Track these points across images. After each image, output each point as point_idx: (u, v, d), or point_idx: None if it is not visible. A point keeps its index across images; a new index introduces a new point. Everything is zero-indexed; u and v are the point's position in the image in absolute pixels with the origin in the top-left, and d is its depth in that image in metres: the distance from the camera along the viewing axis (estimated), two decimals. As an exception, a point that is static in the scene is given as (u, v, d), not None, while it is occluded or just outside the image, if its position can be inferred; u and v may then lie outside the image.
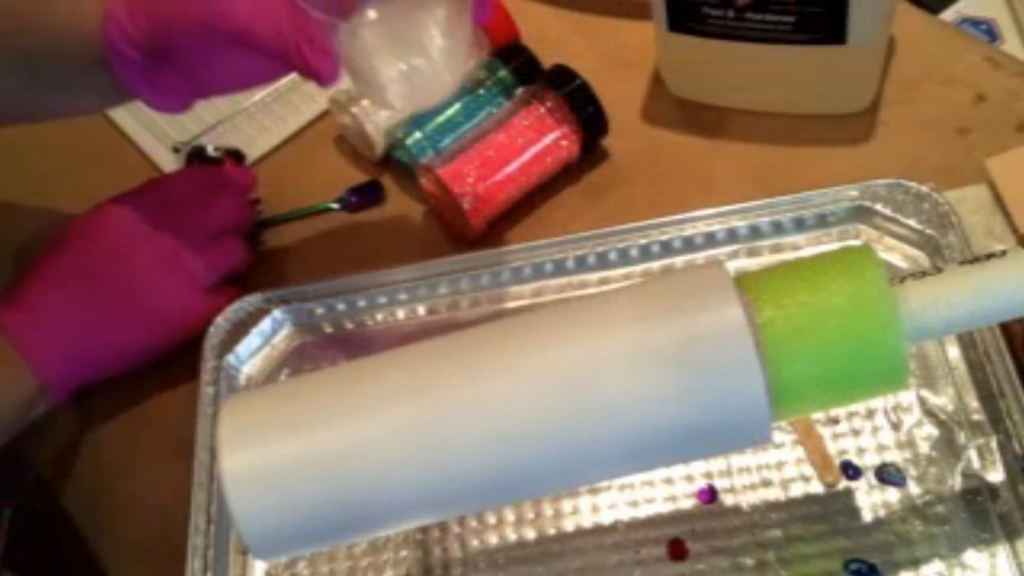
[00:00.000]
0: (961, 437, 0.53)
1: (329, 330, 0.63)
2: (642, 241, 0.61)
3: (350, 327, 0.63)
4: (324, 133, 0.73)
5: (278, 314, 0.63)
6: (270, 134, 0.74)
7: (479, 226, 0.65)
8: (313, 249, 0.68)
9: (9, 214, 0.73)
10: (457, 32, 0.52)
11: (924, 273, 0.45)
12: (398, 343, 0.48)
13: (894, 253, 0.59)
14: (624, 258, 0.62)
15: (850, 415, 0.55)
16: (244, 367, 0.62)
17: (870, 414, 0.55)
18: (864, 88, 0.65)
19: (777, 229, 0.61)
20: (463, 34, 0.52)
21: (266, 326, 0.63)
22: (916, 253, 0.59)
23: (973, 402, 0.54)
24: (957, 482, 0.52)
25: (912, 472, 0.53)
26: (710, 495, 0.54)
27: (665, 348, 0.43)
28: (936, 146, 0.64)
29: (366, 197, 0.70)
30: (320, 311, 0.63)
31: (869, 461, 0.53)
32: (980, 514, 0.51)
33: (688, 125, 0.68)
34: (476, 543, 0.55)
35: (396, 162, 0.70)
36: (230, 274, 0.64)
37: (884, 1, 0.59)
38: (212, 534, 0.55)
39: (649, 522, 0.54)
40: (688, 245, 0.61)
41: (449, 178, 0.63)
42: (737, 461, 0.54)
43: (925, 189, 0.59)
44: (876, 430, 0.54)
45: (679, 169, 0.66)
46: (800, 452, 0.54)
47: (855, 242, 0.60)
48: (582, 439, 0.44)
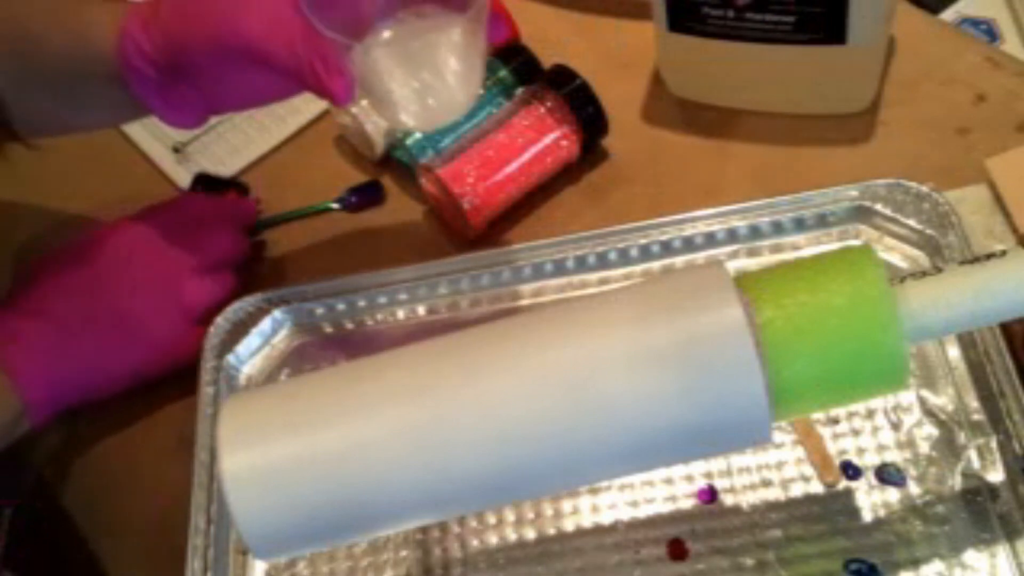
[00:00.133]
0: (961, 437, 0.53)
1: (329, 330, 0.63)
2: (642, 241, 0.61)
3: (350, 327, 0.63)
4: (324, 133, 0.73)
5: (278, 314, 0.63)
6: (270, 134, 0.73)
7: (479, 226, 0.65)
8: (313, 249, 0.68)
9: (9, 214, 0.73)
10: (472, 52, 0.52)
11: (924, 273, 0.45)
12: (398, 343, 0.48)
13: (894, 253, 0.59)
14: (624, 258, 0.62)
15: (850, 415, 0.55)
16: (244, 367, 0.62)
17: (870, 414, 0.55)
18: (864, 88, 0.65)
19: (777, 229, 0.61)
20: (478, 54, 0.52)
21: (266, 326, 0.63)
22: (916, 253, 0.59)
23: (973, 402, 0.54)
24: (957, 482, 0.52)
25: (912, 472, 0.53)
26: (710, 495, 0.54)
27: (665, 348, 0.43)
28: (936, 146, 0.64)
29: (366, 197, 0.70)
30: (320, 311, 0.63)
31: (869, 461, 0.53)
32: (980, 514, 0.51)
33: (688, 125, 0.68)
34: (476, 543, 0.55)
35: (396, 162, 0.70)
36: (219, 303, 0.63)
37: (884, 1, 0.59)
38: (212, 534, 0.55)
39: (649, 522, 0.54)
40: (688, 245, 0.61)
41: (449, 178, 0.63)
42: (737, 461, 0.54)
43: (925, 189, 0.58)
44: (876, 430, 0.54)
45: (679, 169, 0.66)
46: (800, 452, 0.54)
47: (855, 242, 0.60)
48: (582, 439, 0.44)
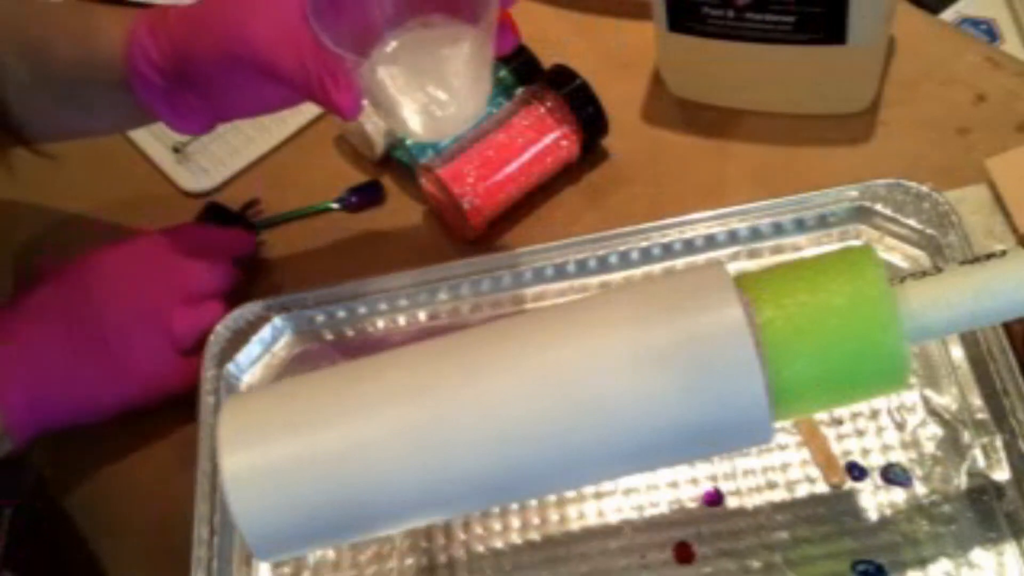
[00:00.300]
0: (966, 436, 0.53)
1: (330, 337, 0.63)
2: (643, 244, 0.61)
3: (351, 334, 0.63)
4: (324, 133, 0.73)
5: (278, 322, 0.63)
6: (270, 134, 0.73)
7: (479, 226, 0.65)
8: (313, 249, 0.68)
9: (9, 214, 0.73)
10: (479, 64, 0.51)
11: (924, 273, 0.45)
12: (399, 349, 0.48)
13: (894, 253, 0.59)
14: (625, 261, 0.61)
15: (854, 415, 0.54)
16: (244, 375, 0.62)
17: (874, 414, 0.54)
18: (864, 88, 0.65)
19: (777, 230, 0.60)
20: (485, 65, 0.52)
21: (266, 334, 0.62)
22: (916, 253, 0.59)
23: (977, 401, 0.53)
24: (963, 481, 0.52)
25: (917, 472, 0.52)
26: (716, 498, 0.54)
27: (665, 348, 0.43)
28: (936, 146, 0.63)
29: (366, 197, 0.69)
30: (320, 318, 0.63)
31: (874, 461, 0.53)
32: (986, 513, 0.51)
33: (688, 125, 0.68)
34: (481, 549, 0.54)
35: (396, 162, 0.70)
36: (207, 332, 0.62)
37: (884, 1, 0.59)
38: (216, 545, 0.54)
39: (655, 526, 0.53)
40: (689, 247, 0.61)
41: (449, 178, 0.63)
42: (742, 463, 0.54)
43: (925, 189, 0.58)
44: (880, 430, 0.54)
45: (679, 169, 0.66)
46: (805, 453, 0.54)
47: (855, 242, 0.60)
48: (582, 439, 0.44)
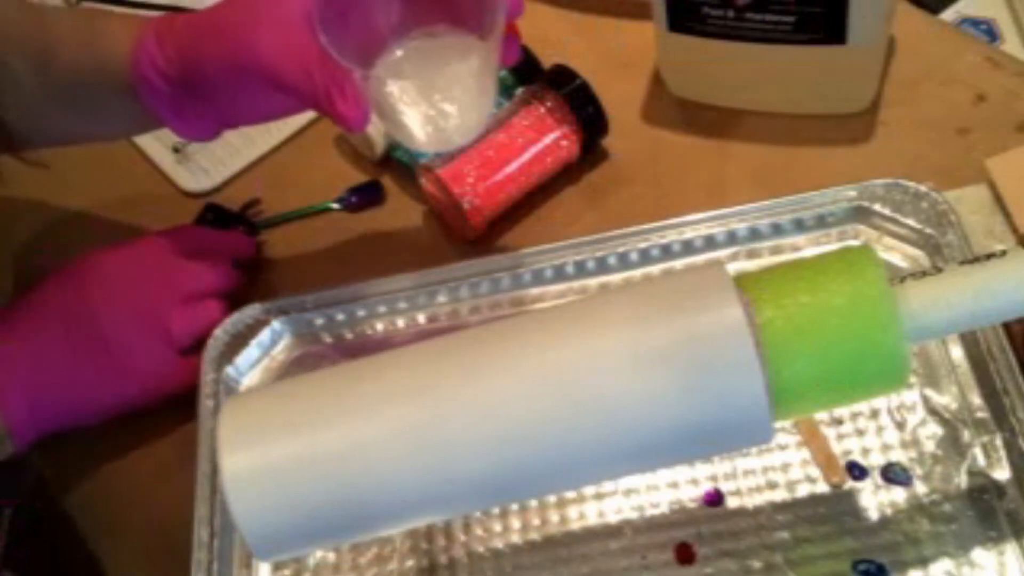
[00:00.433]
0: (966, 435, 0.53)
1: (328, 340, 0.63)
2: (642, 245, 0.61)
3: (349, 337, 0.63)
4: (324, 133, 0.73)
5: (277, 325, 0.62)
6: (270, 134, 0.73)
7: (479, 226, 0.65)
8: (313, 250, 0.68)
9: (9, 214, 0.73)
10: (487, 76, 0.52)
11: (924, 273, 0.45)
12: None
13: (894, 253, 0.59)
14: (624, 262, 0.61)
15: (854, 415, 0.54)
16: (244, 379, 0.62)
17: (874, 414, 0.54)
18: (864, 88, 0.65)
19: (777, 231, 0.60)
20: (490, 76, 0.52)
21: (265, 337, 0.62)
22: (916, 253, 0.59)
23: (977, 400, 0.53)
24: (963, 480, 0.52)
25: (918, 471, 0.52)
26: (716, 498, 0.54)
27: (665, 348, 0.43)
28: (936, 146, 0.63)
29: (366, 197, 0.69)
30: (319, 321, 0.63)
31: (874, 461, 0.53)
32: (987, 512, 0.51)
33: (688, 125, 0.68)
34: (482, 550, 0.54)
35: (396, 162, 0.70)
36: (206, 333, 0.62)
37: (884, 1, 0.59)
38: (216, 548, 0.54)
39: (655, 526, 0.54)
40: (688, 248, 0.61)
41: (449, 178, 0.63)
42: (742, 463, 0.54)
43: (923, 189, 0.58)
44: (880, 430, 0.54)
45: (679, 169, 0.66)
46: (805, 453, 0.54)
47: (855, 242, 0.60)
48: (581, 439, 0.44)
